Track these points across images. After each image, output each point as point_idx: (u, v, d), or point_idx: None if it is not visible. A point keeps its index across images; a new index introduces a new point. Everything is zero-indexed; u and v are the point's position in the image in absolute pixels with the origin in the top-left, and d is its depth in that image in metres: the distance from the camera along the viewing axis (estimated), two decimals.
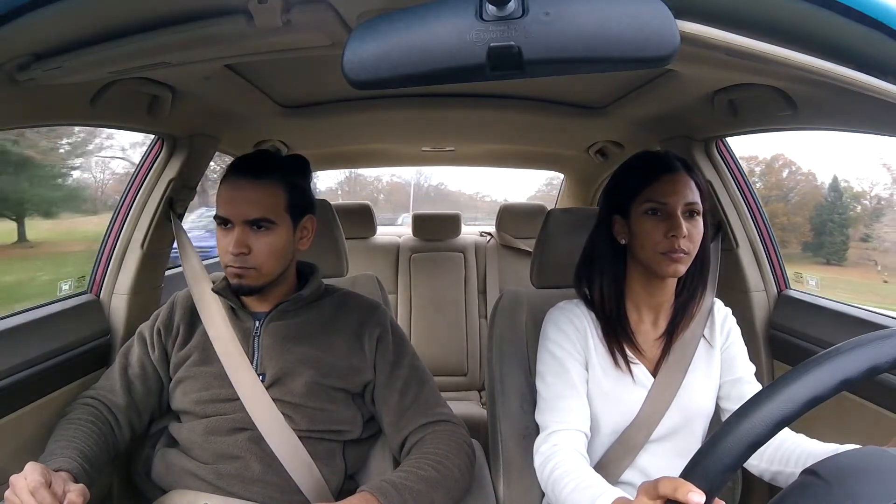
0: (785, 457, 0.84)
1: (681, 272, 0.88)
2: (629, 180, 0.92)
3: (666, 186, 0.88)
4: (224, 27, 0.67)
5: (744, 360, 0.96)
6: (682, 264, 0.87)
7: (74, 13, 0.64)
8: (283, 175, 0.94)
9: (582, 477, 0.78)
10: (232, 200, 0.91)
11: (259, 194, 0.91)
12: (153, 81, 0.98)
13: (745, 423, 0.46)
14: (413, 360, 1.00)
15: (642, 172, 0.91)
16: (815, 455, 0.81)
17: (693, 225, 0.88)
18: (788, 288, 1.32)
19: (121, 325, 1.23)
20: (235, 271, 0.91)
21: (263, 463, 0.90)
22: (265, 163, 0.95)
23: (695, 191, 0.89)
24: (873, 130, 0.88)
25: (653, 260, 0.88)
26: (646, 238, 0.89)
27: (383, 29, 0.47)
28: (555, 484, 0.81)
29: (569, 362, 0.92)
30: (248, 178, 0.92)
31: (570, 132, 1.69)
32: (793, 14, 0.57)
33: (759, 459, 0.87)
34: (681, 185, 0.88)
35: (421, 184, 7.59)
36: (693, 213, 0.89)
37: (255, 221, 0.90)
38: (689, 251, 0.87)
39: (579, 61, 0.45)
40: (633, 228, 0.90)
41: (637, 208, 0.90)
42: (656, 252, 0.87)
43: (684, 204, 0.87)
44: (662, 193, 0.88)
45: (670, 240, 0.86)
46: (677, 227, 0.86)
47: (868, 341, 0.47)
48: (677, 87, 1.08)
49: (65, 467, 0.79)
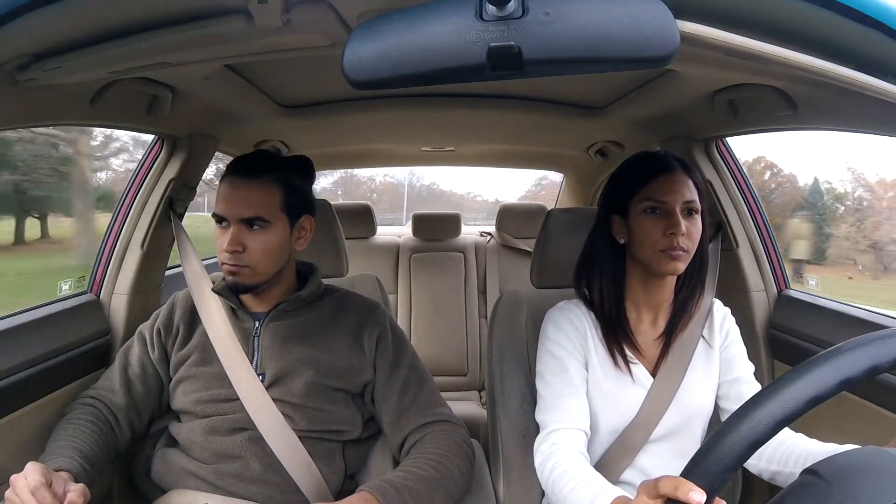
0: (784, 456, 0.84)
1: (680, 270, 0.89)
2: (628, 180, 0.93)
3: (664, 185, 0.88)
4: (224, 27, 0.67)
5: (743, 359, 0.96)
6: (682, 262, 0.88)
7: (74, 13, 0.64)
8: (280, 175, 0.94)
9: (582, 476, 0.79)
10: (228, 199, 0.92)
11: (254, 193, 0.92)
12: (153, 81, 0.98)
13: (746, 423, 0.46)
14: (413, 360, 1.00)
15: (641, 172, 0.92)
16: (814, 455, 0.81)
17: (692, 223, 0.89)
18: (788, 288, 1.32)
19: (121, 325, 1.23)
20: (230, 269, 0.92)
21: (263, 463, 0.90)
22: (262, 162, 0.95)
23: (693, 189, 0.89)
24: (873, 130, 0.88)
25: (652, 258, 0.89)
26: (645, 236, 0.89)
27: (383, 29, 0.47)
28: (555, 483, 0.81)
29: (568, 362, 0.92)
30: (245, 177, 0.92)
31: (570, 132, 1.69)
32: (793, 14, 0.57)
33: (758, 459, 0.87)
34: (679, 184, 0.89)
35: (413, 184, 7.68)
36: (691, 212, 0.89)
37: (249, 220, 0.91)
38: (689, 249, 0.88)
39: (579, 61, 0.45)
40: (632, 227, 0.91)
41: (636, 207, 0.90)
42: (655, 250, 0.88)
43: (682, 202, 0.88)
44: (661, 192, 0.88)
45: (669, 238, 0.87)
46: (676, 225, 0.86)
47: (869, 341, 0.47)
48: (677, 87, 1.08)
49: (65, 467, 0.79)
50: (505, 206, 2.46)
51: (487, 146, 2.12)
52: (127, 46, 0.70)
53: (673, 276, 0.93)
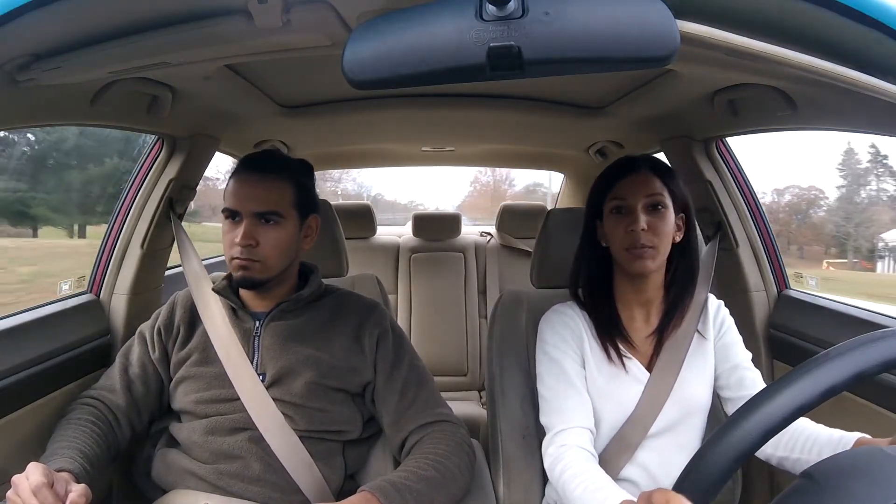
0: (790, 442, 0.86)
1: (650, 268, 0.90)
2: (601, 184, 0.96)
3: (628, 185, 0.92)
4: (224, 27, 0.67)
5: (740, 347, 0.98)
6: (649, 259, 0.89)
7: (74, 13, 0.64)
8: (292, 173, 0.96)
9: (591, 479, 0.80)
10: (241, 193, 0.92)
11: (269, 188, 0.93)
12: (153, 81, 0.98)
13: (733, 435, 0.46)
14: (413, 360, 1.00)
15: (611, 175, 0.95)
16: (819, 440, 0.83)
17: (657, 218, 0.90)
18: (788, 288, 1.32)
19: (121, 325, 1.23)
20: (241, 263, 0.92)
21: (263, 463, 0.90)
22: (275, 160, 0.97)
23: (658, 185, 0.91)
24: (873, 130, 0.88)
25: (621, 258, 0.92)
26: (612, 235, 0.93)
27: (383, 29, 0.47)
28: (565, 486, 0.83)
29: (566, 363, 0.93)
30: (259, 172, 0.94)
31: (570, 132, 1.69)
32: (793, 14, 0.57)
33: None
34: (641, 182, 0.91)
35: (361, 195, 8.19)
36: (656, 206, 0.91)
37: (263, 214, 0.92)
38: (654, 244, 0.89)
39: (579, 61, 0.45)
40: (606, 229, 0.95)
41: (606, 209, 0.94)
42: (622, 249, 0.91)
43: (645, 197, 0.90)
44: (624, 192, 0.92)
45: (630, 234, 0.89)
46: (634, 221, 0.89)
47: (857, 345, 0.47)
48: (677, 87, 1.08)
49: (66, 467, 0.79)
50: (505, 206, 2.46)
51: (487, 146, 2.12)
52: (127, 46, 0.70)
53: (657, 274, 0.94)
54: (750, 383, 0.94)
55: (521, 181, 11.97)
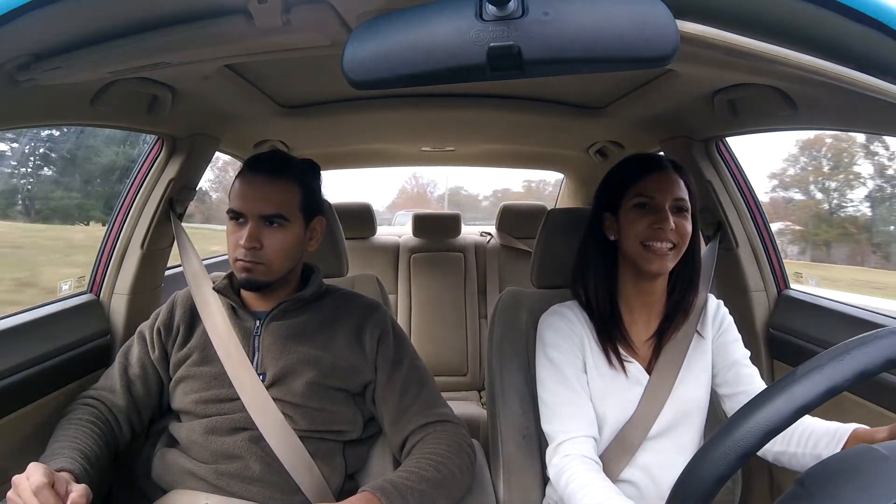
0: (787, 436, 0.86)
1: (667, 269, 0.90)
2: (621, 177, 0.95)
3: (655, 182, 0.91)
4: (224, 27, 0.67)
5: (738, 345, 0.98)
6: (668, 261, 0.89)
7: (74, 13, 0.64)
8: (299, 175, 0.96)
9: (596, 491, 0.80)
10: (247, 195, 0.92)
11: (276, 191, 0.92)
12: (153, 81, 0.98)
13: (734, 435, 0.46)
14: (413, 361, 1.00)
15: (634, 169, 0.94)
16: (816, 434, 0.84)
17: (683, 220, 0.90)
18: (788, 288, 1.32)
19: (121, 325, 1.23)
20: (245, 265, 0.92)
21: (264, 463, 0.90)
22: (282, 161, 0.96)
23: (684, 189, 0.91)
24: (873, 130, 0.88)
25: (637, 254, 0.90)
26: (630, 228, 0.91)
27: (383, 29, 0.47)
28: (570, 497, 0.83)
29: (567, 367, 0.93)
30: (266, 174, 0.93)
31: (570, 132, 1.69)
32: (793, 14, 0.57)
33: None
34: (670, 182, 0.91)
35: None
36: (681, 210, 0.90)
37: (269, 217, 0.91)
38: (677, 244, 0.89)
39: (579, 61, 0.45)
40: (622, 222, 0.93)
41: (626, 203, 0.92)
42: (639, 243, 0.89)
43: (673, 199, 0.90)
44: (652, 188, 0.90)
45: (655, 231, 0.88)
46: (664, 220, 0.88)
47: (858, 344, 0.47)
48: (677, 87, 1.08)
49: (67, 467, 0.79)
50: (505, 206, 2.45)
51: (487, 146, 2.12)
52: (127, 46, 0.70)
53: (664, 277, 0.94)
54: (747, 379, 0.94)
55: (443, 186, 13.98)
